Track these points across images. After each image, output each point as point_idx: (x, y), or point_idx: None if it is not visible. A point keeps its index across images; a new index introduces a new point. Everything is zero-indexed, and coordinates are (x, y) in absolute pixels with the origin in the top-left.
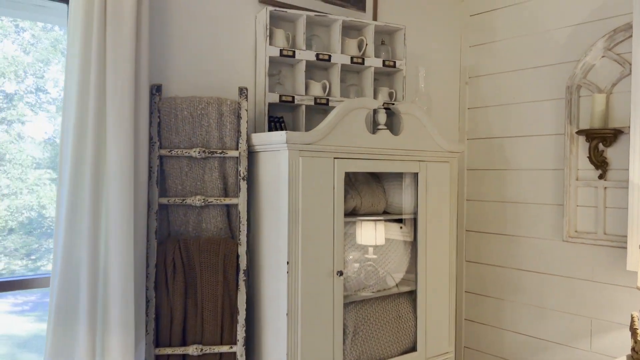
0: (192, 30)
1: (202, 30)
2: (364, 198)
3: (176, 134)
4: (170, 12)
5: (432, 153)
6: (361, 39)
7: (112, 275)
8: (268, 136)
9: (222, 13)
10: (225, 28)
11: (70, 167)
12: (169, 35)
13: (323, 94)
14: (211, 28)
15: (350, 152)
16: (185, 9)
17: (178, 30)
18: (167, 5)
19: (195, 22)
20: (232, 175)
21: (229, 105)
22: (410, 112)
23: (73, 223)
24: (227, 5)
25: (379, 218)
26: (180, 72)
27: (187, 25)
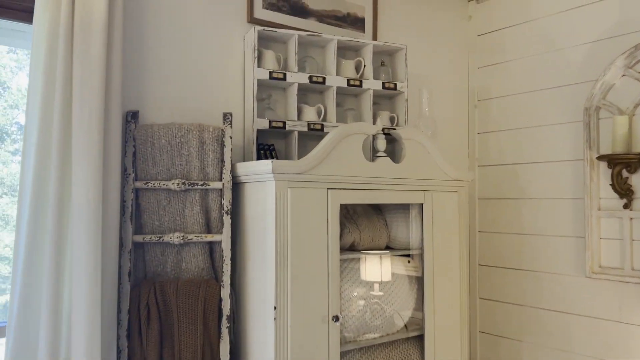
0: (173, 51)
1: (185, 51)
2: (363, 232)
3: (153, 164)
4: (148, 32)
5: (438, 182)
6: (359, 59)
7: (77, 323)
8: (253, 166)
9: (207, 33)
10: (211, 49)
11: (30, 202)
12: (147, 57)
13: (317, 119)
14: (195, 49)
15: (346, 181)
16: (164, 29)
17: (157, 51)
18: (144, 24)
19: (177, 42)
20: (215, 209)
21: (211, 132)
22: (413, 138)
23: (32, 265)
24: (213, 25)
25: (385, 252)
26: (160, 97)
27: (167, 46)
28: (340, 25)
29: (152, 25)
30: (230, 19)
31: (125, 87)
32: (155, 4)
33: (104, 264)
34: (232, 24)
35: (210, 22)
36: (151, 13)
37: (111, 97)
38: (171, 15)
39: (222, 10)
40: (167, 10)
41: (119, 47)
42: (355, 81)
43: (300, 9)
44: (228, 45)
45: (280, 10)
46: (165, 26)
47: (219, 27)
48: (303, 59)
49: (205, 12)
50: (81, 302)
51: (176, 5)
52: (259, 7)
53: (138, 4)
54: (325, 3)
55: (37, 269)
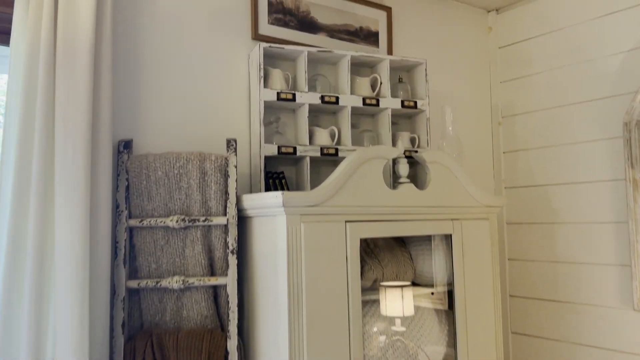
0: (171, 72)
1: (184, 72)
2: (386, 268)
3: (149, 199)
4: (142, 51)
5: (467, 209)
6: (374, 76)
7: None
8: (261, 198)
9: (209, 52)
10: (212, 69)
11: (7, 246)
12: (141, 78)
13: (331, 142)
14: (195, 70)
15: (366, 212)
16: (160, 47)
17: (152, 72)
18: (137, 42)
19: (175, 62)
20: (219, 248)
21: (213, 161)
22: (438, 161)
23: (9, 318)
24: (214, 42)
25: (406, 283)
26: (156, 123)
27: (164, 66)
28: (353, 40)
29: (146, 44)
30: (233, 36)
31: (117, 112)
32: (150, 19)
33: (94, 315)
34: (235, 41)
35: (211, 39)
36: (145, 30)
37: (100, 124)
38: (168, 32)
39: (225, 27)
40: (164, 27)
41: (108, 68)
42: (372, 100)
43: (309, 24)
44: (231, 65)
45: (287, 25)
46: (161, 44)
47: (221, 44)
48: (313, 78)
49: (206, 29)
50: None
51: (173, 22)
52: (264, 23)
53: (130, 20)
54: (336, 17)
55: (13, 322)
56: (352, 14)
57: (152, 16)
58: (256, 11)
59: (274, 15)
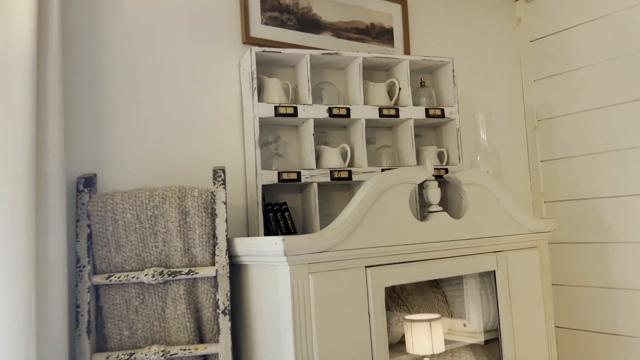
0: (143, 89)
1: (159, 88)
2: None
3: (117, 249)
4: (106, 65)
5: (512, 238)
6: (391, 81)
7: None
8: (257, 244)
9: (189, 62)
10: (195, 83)
11: None
12: (106, 98)
13: (342, 163)
14: (173, 85)
15: (391, 253)
16: (129, 58)
17: (120, 90)
18: (100, 53)
19: (148, 77)
20: (207, 307)
21: (196, 197)
22: (476, 182)
23: None
24: (196, 50)
25: (435, 316)
26: (126, 153)
27: (134, 82)
28: (363, 40)
29: (110, 53)
30: (220, 40)
31: (74, 141)
32: (115, 22)
33: None
34: (222, 46)
35: (193, 46)
36: (109, 36)
37: (47, 157)
38: (138, 38)
39: (209, 30)
40: (132, 32)
41: (56, 85)
42: (390, 110)
43: (311, 23)
44: (219, 75)
45: (284, 25)
46: (130, 54)
47: (205, 51)
48: (318, 87)
49: (186, 33)
50: None
51: (145, 25)
52: (257, 23)
53: (87, 24)
54: (343, 13)
55: None
56: (361, 8)
57: (117, 18)
58: (246, 10)
59: (268, 13)
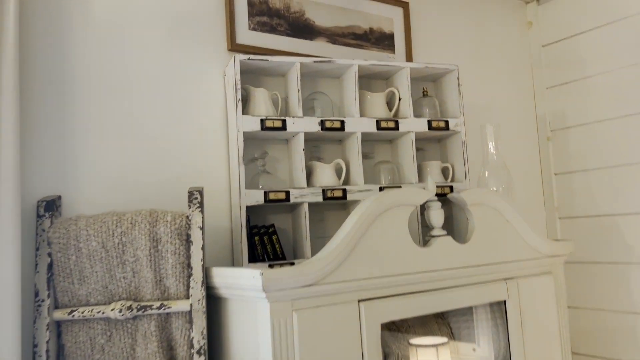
0: (116, 101)
1: (133, 100)
2: (421, 353)
3: (81, 281)
4: (72, 74)
5: (525, 263)
6: (391, 91)
7: None
8: (235, 276)
9: (168, 71)
10: (174, 94)
11: None
12: (72, 111)
13: (336, 181)
14: (149, 96)
15: (388, 285)
16: (99, 67)
17: (89, 102)
18: (64, 61)
19: (121, 87)
20: (182, 344)
21: (169, 223)
22: (484, 202)
23: None
24: (176, 58)
25: (442, 339)
26: (96, 173)
27: (105, 93)
28: (361, 46)
29: (78, 62)
30: (203, 47)
31: (36, 161)
32: (83, 29)
33: None
34: (206, 55)
35: (174, 54)
36: (76, 42)
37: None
38: (111, 46)
39: (191, 36)
40: (104, 39)
41: (11, 98)
42: (389, 122)
43: (305, 28)
44: (201, 86)
45: (274, 30)
46: (101, 62)
47: (187, 60)
48: (311, 97)
49: (165, 40)
50: None
51: (118, 31)
52: (244, 29)
53: (50, 28)
54: (339, 17)
55: None
56: (359, 12)
57: (84, 21)
58: (232, 14)
59: (256, 18)
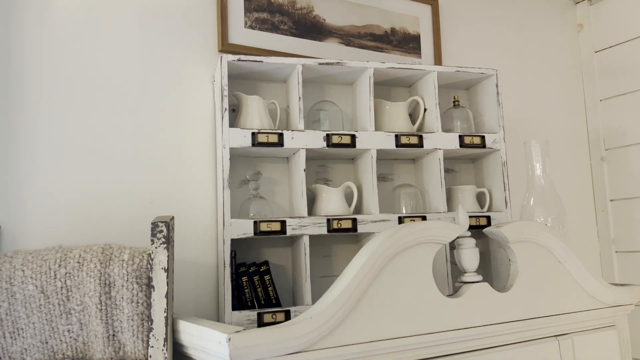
0: (82, 111)
1: (104, 109)
2: None
3: (14, 335)
4: (25, 71)
5: (581, 315)
6: (414, 100)
7: None
8: (200, 337)
9: (147, 76)
10: (154, 104)
11: None
12: (23, 121)
13: (346, 209)
14: (124, 104)
15: (405, 347)
16: (60, 66)
17: (47, 109)
18: (15, 58)
19: (88, 92)
20: None
21: (125, 262)
22: (530, 238)
23: None
24: (156, 60)
25: None
26: (50, 198)
27: (69, 99)
28: (381, 49)
29: (29, 60)
30: (189, 48)
31: None
32: (40, 22)
33: None
34: (192, 56)
35: (153, 54)
36: (29, 39)
37: None
38: (75, 42)
39: (176, 35)
40: (66, 33)
41: None
42: (411, 137)
43: (313, 27)
44: (186, 94)
45: (277, 29)
46: (61, 61)
47: (169, 62)
48: (317, 107)
49: (146, 38)
50: None
51: (85, 26)
52: (239, 26)
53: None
54: (355, 16)
55: None
56: (379, 10)
57: (38, 15)
58: (224, 9)
59: (254, 14)
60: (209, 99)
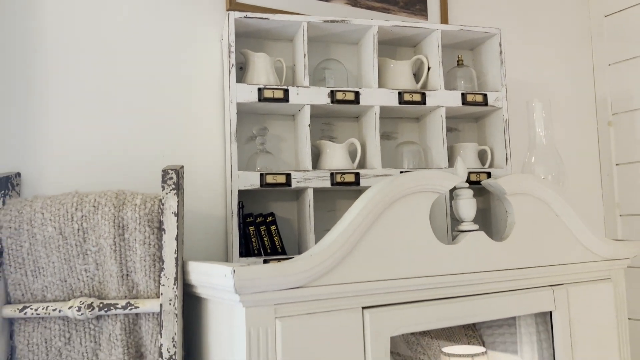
0: (94, 66)
1: (113, 65)
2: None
3: (36, 273)
4: (40, 28)
5: (577, 267)
6: (418, 59)
7: None
8: (207, 273)
9: (156, 33)
10: (164, 60)
11: None
12: (40, 77)
13: (350, 164)
14: (135, 61)
15: (400, 289)
16: (72, 23)
17: (61, 65)
18: (29, 14)
19: (101, 49)
20: (153, 352)
21: (138, 207)
22: (527, 191)
23: None
24: (164, 17)
25: (480, 350)
26: (67, 147)
27: (82, 55)
28: (387, 10)
29: (44, 18)
30: (197, 6)
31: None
32: None
33: None
34: (201, 15)
35: (161, 12)
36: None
37: None
38: (85, 2)
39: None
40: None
41: None
42: (414, 94)
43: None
44: (195, 51)
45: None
46: (73, 19)
47: (177, 20)
48: (322, 66)
49: (159, 1)
50: None
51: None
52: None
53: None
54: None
55: None
56: None
57: None
58: None
59: None
60: (218, 58)
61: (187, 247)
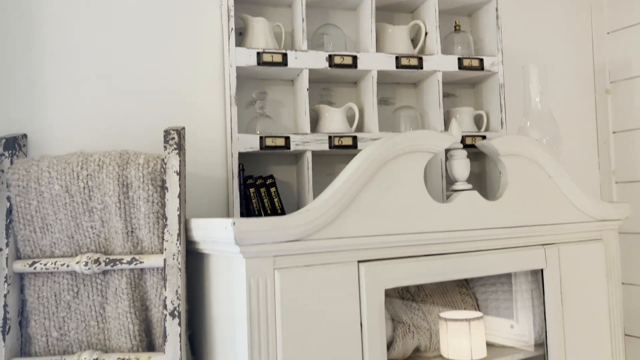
0: (96, 31)
1: (118, 29)
2: (436, 327)
3: (44, 229)
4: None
5: (568, 227)
6: (415, 24)
7: None
8: (208, 227)
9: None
10: (165, 24)
11: None
12: (43, 41)
13: (348, 128)
14: (135, 25)
15: (395, 244)
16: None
17: (63, 28)
18: None
19: (103, 14)
20: (157, 305)
21: (141, 166)
22: (520, 152)
23: None
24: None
25: (476, 315)
26: (70, 109)
27: (84, 19)
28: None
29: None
30: None
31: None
32: None
33: None
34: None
35: None
36: None
37: None
38: None
39: None
40: None
41: None
42: (411, 59)
43: None
44: (195, 16)
45: None
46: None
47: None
48: (320, 31)
49: None
50: None
51: None
52: None
53: None
54: None
55: None
56: None
57: None
58: None
59: None
60: (217, 22)
61: (189, 209)
